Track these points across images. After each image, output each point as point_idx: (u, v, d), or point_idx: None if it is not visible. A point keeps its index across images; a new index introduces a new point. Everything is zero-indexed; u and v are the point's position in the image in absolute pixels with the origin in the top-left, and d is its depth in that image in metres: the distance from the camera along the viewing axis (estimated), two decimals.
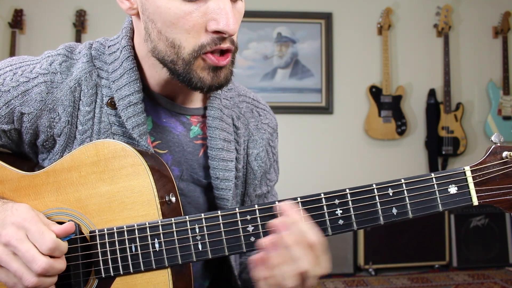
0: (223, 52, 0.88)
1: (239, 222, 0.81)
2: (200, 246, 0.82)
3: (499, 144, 0.79)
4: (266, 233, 0.81)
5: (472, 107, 4.25)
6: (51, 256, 0.79)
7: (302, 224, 0.77)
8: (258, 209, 0.81)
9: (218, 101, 1.02)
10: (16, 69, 0.94)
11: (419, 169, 4.15)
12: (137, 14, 0.92)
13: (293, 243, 0.75)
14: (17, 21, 3.83)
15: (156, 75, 0.96)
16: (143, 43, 0.93)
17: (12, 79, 0.93)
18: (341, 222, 0.80)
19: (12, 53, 3.78)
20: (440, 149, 4.06)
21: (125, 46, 0.96)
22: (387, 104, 4.05)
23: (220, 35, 0.85)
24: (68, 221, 0.85)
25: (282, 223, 0.77)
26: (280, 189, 1.21)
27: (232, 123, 1.04)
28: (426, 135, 4.15)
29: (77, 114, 0.94)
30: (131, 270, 0.84)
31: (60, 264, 0.80)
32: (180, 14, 0.83)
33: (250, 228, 0.81)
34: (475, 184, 0.79)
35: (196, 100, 1.03)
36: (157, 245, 0.83)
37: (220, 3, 0.83)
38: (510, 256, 3.92)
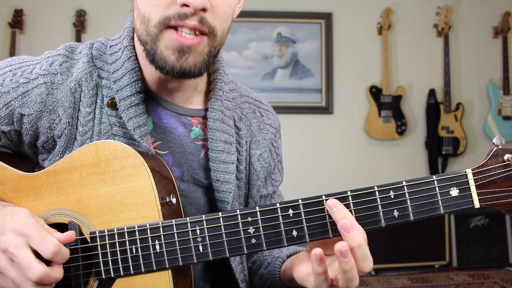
0: (195, 34, 0.86)
1: (240, 224, 0.81)
2: (201, 248, 0.82)
3: (500, 147, 0.79)
4: (267, 235, 0.81)
5: (472, 107, 4.25)
6: (49, 263, 0.79)
7: (353, 220, 0.78)
8: (259, 211, 0.81)
9: (219, 102, 1.02)
10: (15, 69, 0.94)
11: (419, 169, 4.15)
12: None
13: (363, 243, 0.76)
14: (17, 21, 3.83)
15: (148, 69, 0.95)
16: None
17: (11, 80, 0.92)
18: None
19: (12, 53, 3.78)
20: (440, 149, 4.06)
21: (126, 46, 0.95)
22: (387, 104, 4.06)
23: (188, 8, 0.83)
24: (68, 222, 0.85)
25: (351, 224, 0.76)
26: (280, 189, 1.21)
27: (233, 125, 1.04)
28: (426, 135, 4.15)
29: (78, 115, 0.94)
30: (132, 272, 0.83)
31: (57, 273, 0.79)
32: None
33: (251, 230, 0.81)
34: (477, 187, 0.78)
35: (196, 101, 1.03)
36: (157, 247, 0.82)
37: None
38: (510, 256, 3.93)
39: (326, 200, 0.79)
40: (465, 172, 0.79)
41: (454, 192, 0.79)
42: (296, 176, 4.00)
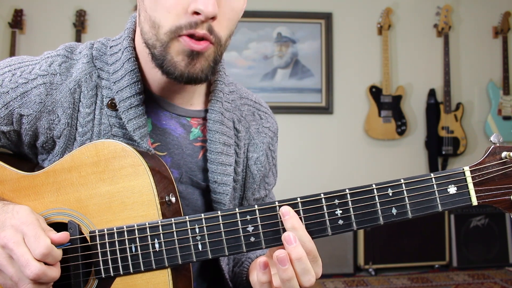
0: (201, 40, 0.86)
1: (239, 222, 0.81)
2: (200, 246, 0.82)
3: (498, 144, 0.79)
4: (266, 234, 0.81)
5: (472, 107, 4.25)
6: (45, 263, 0.79)
7: (301, 230, 0.78)
8: (258, 209, 0.81)
9: (220, 104, 1.02)
10: (15, 70, 0.93)
11: (419, 169, 4.15)
12: None
13: (304, 257, 0.77)
14: (17, 21, 3.83)
15: (152, 71, 0.94)
16: (140, 33, 0.93)
17: (11, 80, 0.92)
18: (341, 222, 0.80)
19: (12, 53, 3.78)
20: (440, 149, 4.06)
21: (126, 47, 0.95)
22: (387, 104, 4.06)
23: (198, 17, 0.83)
24: (68, 221, 0.86)
25: (294, 237, 0.77)
26: (280, 189, 1.21)
27: (233, 126, 1.04)
28: (426, 135, 4.15)
29: (77, 115, 0.94)
30: (131, 270, 0.84)
31: (54, 272, 0.79)
32: None
33: (250, 228, 0.81)
34: (475, 184, 0.79)
35: (197, 103, 1.03)
36: (157, 245, 0.83)
37: None
38: (510, 256, 3.93)
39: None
40: (463, 169, 0.79)
41: (452, 189, 0.79)
42: (296, 176, 4.01)
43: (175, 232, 0.82)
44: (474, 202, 0.79)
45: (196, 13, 0.83)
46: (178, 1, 0.83)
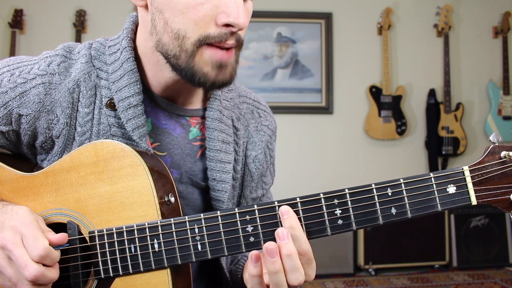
0: (227, 48, 0.88)
1: (239, 222, 0.81)
2: (199, 247, 0.82)
3: (497, 144, 0.79)
4: (265, 233, 0.81)
5: (472, 107, 4.25)
6: (43, 264, 0.79)
7: (299, 230, 0.78)
8: (258, 209, 0.81)
9: (218, 102, 1.02)
10: (13, 69, 0.93)
11: (419, 169, 4.15)
12: (146, 6, 0.91)
13: (294, 254, 0.77)
14: (17, 21, 3.83)
15: (158, 74, 0.95)
16: (148, 38, 0.92)
17: (9, 80, 0.92)
18: (340, 222, 0.80)
19: (12, 53, 3.78)
20: (440, 149, 4.06)
21: (125, 47, 0.95)
22: (387, 104, 4.06)
23: (230, 29, 0.84)
24: (67, 221, 0.85)
25: (287, 234, 0.77)
26: (280, 188, 1.21)
27: (232, 124, 1.04)
28: (426, 135, 4.15)
29: (76, 115, 0.93)
30: (131, 271, 0.83)
31: (52, 274, 0.79)
32: (191, 4, 0.83)
33: (250, 228, 0.81)
34: (474, 184, 0.78)
35: (196, 102, 1.03)
36: (156, 246, 0.83)
37: None
38: (510, 256, 3.92)
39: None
40: (462, 169, 0.79)
41: (451, 189, 0.79)
42: (296, 176, 4.00)
43: (174, 232, 0.82)
44: (474, 201, 0.79)
45: (227, 25, 0.84)
46: (205, 13, 0.84)
